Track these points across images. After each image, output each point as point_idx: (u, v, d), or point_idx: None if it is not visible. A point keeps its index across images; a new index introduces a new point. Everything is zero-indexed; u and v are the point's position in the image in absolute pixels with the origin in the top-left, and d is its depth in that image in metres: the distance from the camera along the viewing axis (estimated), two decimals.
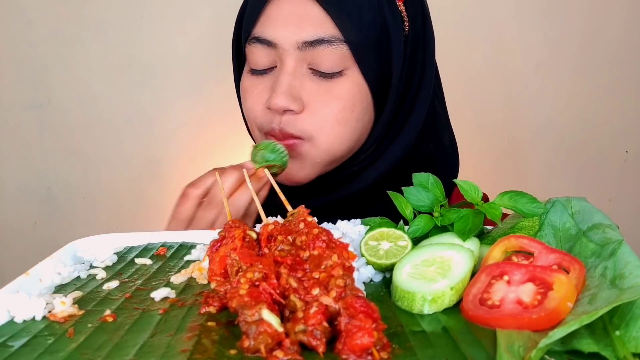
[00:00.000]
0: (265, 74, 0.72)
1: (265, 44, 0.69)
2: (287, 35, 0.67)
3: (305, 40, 0.66)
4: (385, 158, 0.75)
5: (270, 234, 0.48)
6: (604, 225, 0.47)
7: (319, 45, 0.66)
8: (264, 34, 0.69)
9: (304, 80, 0.69)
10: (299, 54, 0.68)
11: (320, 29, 0.66)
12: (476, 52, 1.59)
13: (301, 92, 0.69)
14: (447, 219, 0.52)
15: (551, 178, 1.68)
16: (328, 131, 0.70)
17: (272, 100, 0.68)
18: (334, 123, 0.69)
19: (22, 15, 1.55)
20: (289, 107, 0.68)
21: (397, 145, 0.75)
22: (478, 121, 1.60)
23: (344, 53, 0.67)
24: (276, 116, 0.69)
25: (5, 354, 0.37)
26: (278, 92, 0.67)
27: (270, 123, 0.70)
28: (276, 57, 0.70)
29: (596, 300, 0.38)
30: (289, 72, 0.68)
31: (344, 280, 0.40)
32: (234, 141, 1.62)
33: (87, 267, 0.55)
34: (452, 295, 0.42)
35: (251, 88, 0.73)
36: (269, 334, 0.35)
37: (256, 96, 0.72)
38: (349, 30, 0.66)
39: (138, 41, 1.58)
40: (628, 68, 1.63)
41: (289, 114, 0.69)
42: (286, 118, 0.69)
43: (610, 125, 1.65)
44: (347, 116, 0.70)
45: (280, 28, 0.68)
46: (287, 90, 0.68)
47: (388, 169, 0.75)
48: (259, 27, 0.70)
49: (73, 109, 1.62)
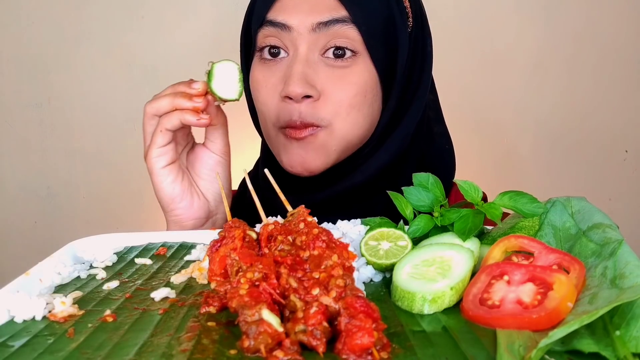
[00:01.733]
0: (276, 64, 0.71)
1: (279, 27, 0.69)
2: (301, 18, 0.68)
3: (320, 21, 0.68)
4: (386, 149, 0.75)
5: (270, 234, 0.48)
6: (604, 225, 0.47)
7: (333, 25, 0.68)
8: (277, 17, 0.69)
9: (318, 67, 0.69)
10: (312, 37, 0.68)
11: (334, 12, 0.68)
12: (475, 51, 1.59)
13: (315, 79, 0.69)
14: (447, 219, 0.52)
15: (551, 178, 1.68)
16: (344, 116, 0.70)
17: (290, 87, 0.67)
18: (349, 108, 0.70)
19: (23, 15, 1.55)
20: (307, 92, 0.67)
21: (398, 135, 0.75)
22: (477, 121, 1.60)
23: (355, 35, 0.69)
24: (294, 106, 0.69)
25: (6, 354, 0.37)
26: (294, 79, 0.67)
27: (289, 114, 0.69)
28: (289, 42, 0.70)
29: (596, 300, 0.38)
30: (302, 59, 0.68)
31: (344, 280, 0.40)
32: (233, 141, 1.62)
33: (87, 267, 0.55)
34: (452, 295, 0.42)
35: (264, 80, 0.72)
36: (269, 334, 0.35)
37: (270, 89, 0.71)
38: (359, 16, 0.68)
39: (138, 41, 1.58)
40: (628, 68, 1.63)
41: (307, 102, 0.68)
42: (304, 106, 0.68)
43: (610, 125, 1.65)
44: (360, 101, 0.70)
45: (295, 12, 0.69)
46: (303, 76, 0.67)
47: (389, 159, 0.75)
48: (273, 11, 0.70)
49: (73, 108, 1.62)
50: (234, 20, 1.57)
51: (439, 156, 0.82)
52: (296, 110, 0.69)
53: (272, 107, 0.71)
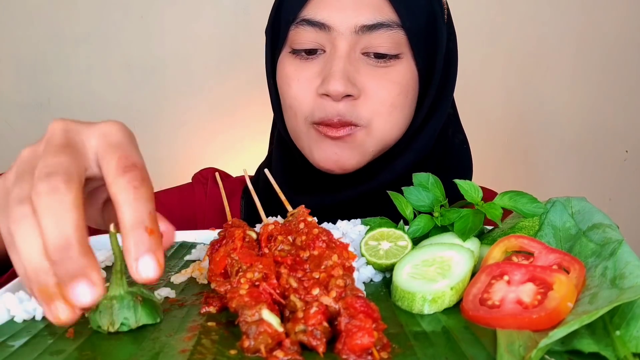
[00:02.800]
0: (310, 59, 0.68)
1: (317, 27, 0.66)
2: (343, 19, 0.65)
3: (364, 24, 0.64)
4: (413, 148, 0.73)
5: (270, 234, 0.47)
6: (604, 225, 0.47)
7: (377, 29, 0.65)
8: (316, 16, 0.66)
9: (358, 65, 0.66)
10: (354, 38, 0.65)
11: (378, 13, 0.65)
12: (476, 50, 1.59)
13: (356, 76, 0.65)
14: (447, 219, 0.52)
15: (551, 178, 1.68)
16: (385, 116, 0.67)
17: (331, 85, 0.63)
18: (391, 108, 0.67)
19: (23, 15, 1.55)
20: (348, 92, 0.64)
21: (425, 135, 0.73)
22: (478, 121, 1.60)
23: (400, 38, 0.66)
24: (330, 103, 0.65)
25: (6, 354, 0.37)
26: (336, 77, 0.63)
27: (324, 111, 0.66)
28: (326, 41, 0.66)
29: (596, 300, 0.38)
30: (343, 56, 0.65)
31: (344, 280, 0.40)
32: (233, 141, 1.62)
33: None
34: (452, 295, 0.42)
35: (297, 73, 0.68)
36: (269, 333, 0.35)
37: (305, 82, 0.68)
38: (405, 16, 0.66)
39: (138, 41, 1.58)
40: (629, 67, 1.63)
41: (347, 101, 0.65)
42: (343, 105, 0.65)
43: (610, 125, 1.65)
44: (402, 101, 0.68)
45: (337, 11, 0.65)
46: (344, 74, 0.64)
47: (415, 159, 0.73)
48: (311, 8, 0.66)
49: (73, 109, 1.62)
50: (234, 21, 1.57)
51: (456, 156, 0.80)
52: (334, 109, 0.65)
53: (306, 102, 0.68)
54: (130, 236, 0.33)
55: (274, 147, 0.82)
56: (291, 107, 0.70)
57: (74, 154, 0.35)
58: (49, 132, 0.37)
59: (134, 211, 0.33)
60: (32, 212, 0.33)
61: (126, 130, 0.38)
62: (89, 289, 0.32)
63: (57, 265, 0.32)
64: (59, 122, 0.38)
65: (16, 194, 0.34)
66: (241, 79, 1.55)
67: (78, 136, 0.37)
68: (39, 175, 0.33)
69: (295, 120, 0.70)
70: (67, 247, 0.32)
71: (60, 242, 0.32)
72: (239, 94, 1.56)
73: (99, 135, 0.37)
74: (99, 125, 0.38)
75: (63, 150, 0.35)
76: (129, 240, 0.33)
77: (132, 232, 0.33)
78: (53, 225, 0.32)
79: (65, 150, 0.35)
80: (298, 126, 0.70)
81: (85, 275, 0.32)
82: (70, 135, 0.37)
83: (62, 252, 0.32)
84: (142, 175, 0.35)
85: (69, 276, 0.32)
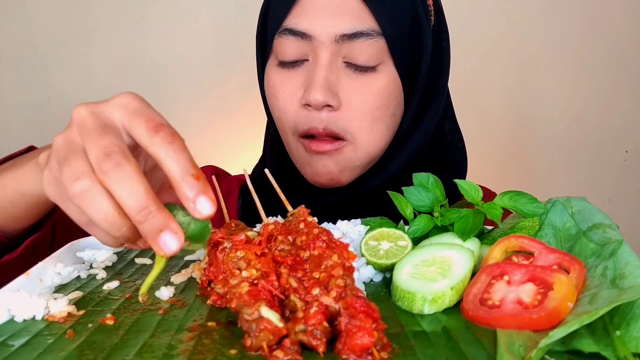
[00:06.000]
0: (295, 68, 0.68)
1: (299, 36, 0.66)
2: (323, 28, 0.64)
3: (344, 33, 0.64)
4: (404, 153, 0.73)
5: (270, 234, 0.47)
6: (604, 225, 0.47)
7: (357, 38, 0.64)
8: (298, 26, 0.66)
9: (340, 75, 0.66)
10: (335, 47, 0.65)
11: (358, 22, 0.64)
12: (475, 50, 1.59)
13: (337, 87, 0.65)
14: (447, 219, 0.52)
15: (551, 178, 1.68)
16: (367, 130, 0.67)
17: (311, 95, 0.64)
18: (372, 121, 0.67)
19: (23, 14, 1.55)
20: (328, 102, 0.64)
21: (415, 140, 0.73)
22: (478, 121, 1.60)
23: (381, 46, 0.65)
24: (314, 113, 0.66)
25: (6, 353, 0.37)
26: (316, 87, 0.64)
27: (309, 122, 0.66)
28: (309, 50, 0.66)
29: (596, 300, 0.38)
30: (325, 66, 0.65)
31: (344, 280, 0.40)
32: (234, 141, 1.62)
33: (87, 267, 0.55)
34: (453, 295, 0.42)
35: (282, 85, 0.69)
36: (270, 330, 0.35)
37: (289, 94, 0.68)
38: (386, 23, 0.65)
39: (138, 41, 1.58)
40: (628, 68, 1.63)
41: (327, 111, 0.65)
42: (325, 115, 0.65)
43: (610, 125, 1.65)
44: (383, 113, 0.68)
45: (317, 19, 0.65)
46: (325, 84, 0.64)
47: (406, 162, 0.73)
48: (293, 17, 0.66)
49: (73, 109, 1.62)
50: (234, 21, 1.57)
51: (451, 155, 0.80)
52: (317, 118, 0.66)
53: (291, 114, 0.68)
54: (183, 185, 0.37)
55: (268, 150, 0.82)
56: (279, 119, 0.71)
57: (113, 131, 0.39)
58: (77, 119, 0.40)
59: (177, 163, 0.38)
60: (91, 184, 0.37)
61: (140, 97, 0.42)
62: (174, 236, 0.37)
63: (143, 225, 0.37)
64: (81, 107, 0.41)
65: (67, 174, 0.38)
66: (241, 79, 1.55)
67: (104, 114, 0.40)
68: (98, 156, 0.37)
69: (284, 132, 0.71)
70: (146, 208, 0.37)
71: (140, 205, 0.37)
72: (239, 94, 1.56)
73: (119, 108, 0.40)
74: (115, 100, 0.41)
75: (104, 130, 0.39)
76: (183, 189, 0.37)
77: (183, 181, 0.37)
78: (128, 194, 0.37)
79: (106, 129, 0.39)
80: (287, 138, 0.71)
81: (168, 226, 0.37)
82: (100, 116, 0.40)
83: (144, 212, 0.37)
84: (171, 130, 0.39)
85: (155, 230, 0.37)
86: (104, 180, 0.37)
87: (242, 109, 1.55)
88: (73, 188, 0.37)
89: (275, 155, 0.79)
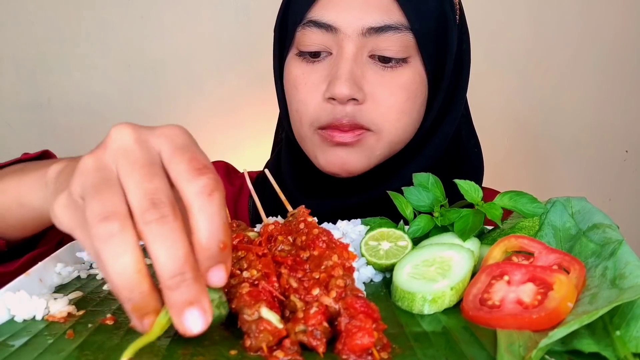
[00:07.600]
0: (317, 62, 0.67)
1: (324, 28, 0.64)
2: (350, 20, 0.63)
3: (371, 27, 0.63)
4: (425, 154, 0.72)
5: (270, 234, 0.48)
6: (604, 225, 0.47)
7: (384, 32, 0.63)
8: (323, 17, 0.64)
9: (365, 69, 0.65)
10: (361, 41, 0.64)
11: (386, 16, 0.63)
12: (475, 50, 1.59)
13: (363, 81, 0.64)
14: (447, 219, 0.52)
15: (551, 178, 1.68)
16: (394, 123, 0.66)
17: (336, 88, 0.62)
18: (400, 114, 0.66)
19: (23, 15, 1.55)
20: (354, 95, 0.63)
21: (436, 141, 0.72)
22: (477, 121, 1.60)
23: (408, 41, 0.64)
24: (337, 107, 0.64)
25: (6, 353, 0.37)
26: (342, 80, 0.62)
27: (332, 115, 0.64)
28: (333, 43, 0.65)
29: (596, 300, 0.38)
30: (350, 59, 0.63)
31: (344, 280, 0.40)
32: (234, 141, 1.62)
33: (87, 267, 0.55)
34: (452, 296, 0.42)
35: (303, 77, 0.67)
36: (269, 331, 0.35)
37: (311, 87, 0.66)
38: (414, 18, 0.64)
39: (138, 41, 1.58)
40: (628, 67, 1.62)
41: (352, 104, 0.64)
42: (350, 109, 0.64)
43: (610, 125, 1.65)
44: (410, 106, 0.67)
45: (344, 12, 0.63)
46: (350, 77, 0.63)
47: (425, 166, 0.71)
48: (318, 9, 0.65)
49: (73, 109, 1.62)
50: (234, 21, 1.57)
51: (468, 159, 0.79)
52: (341, 112, 0.64)
53: (312, 106, 0.67)
54: (204, 252, 0.33)
55: (283, 149, 0.80)
56: (298, 111, 0.69)
57: (161, 173, 0.35)
58: (118, 142, 0.36)
59: (209, 225, 0.33)
60: (120, 230, 0.32)
61: (187, 131, 0.38)
62: (201, 315, 0.32)
63: (172, 292, 0.32)
64: (124, 128, 0.36)
65: (96, 209, 0.33)
66: (241, 78, 1.55)
67: (149, 143, 0.36)
68: (142, 202, 0.33)
69: (300, 124, 0.70)
70: (182, 274, 0.32)
71: (176, 269, 0.32)
72: (240, 94, 1.56)
73: (165, 138, 0.36)
74: (163, 130, 0.37)
75: (152, 170, 0.34)
76: (202, 254, 0.33)
77: (206, 247, 0.34)
78: (167, 253, 0.32)
79: (154, 169, 0.34)
80: (303, 131, 0.69)
81: (199, 301, 0.32)
82: (145, 145, 0.36)
83: (177, 278, 0.32)
84: (214, 177, 0.35)
85: (183, 302, 0.32)
86: (143, 230, 0.32)
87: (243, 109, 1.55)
88: (99, 228, 0.32)
89: (290, 155, 0.78)
